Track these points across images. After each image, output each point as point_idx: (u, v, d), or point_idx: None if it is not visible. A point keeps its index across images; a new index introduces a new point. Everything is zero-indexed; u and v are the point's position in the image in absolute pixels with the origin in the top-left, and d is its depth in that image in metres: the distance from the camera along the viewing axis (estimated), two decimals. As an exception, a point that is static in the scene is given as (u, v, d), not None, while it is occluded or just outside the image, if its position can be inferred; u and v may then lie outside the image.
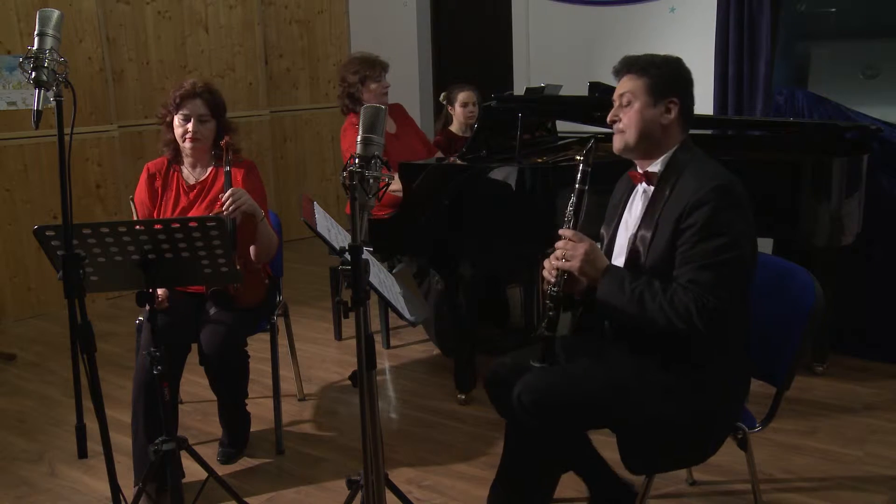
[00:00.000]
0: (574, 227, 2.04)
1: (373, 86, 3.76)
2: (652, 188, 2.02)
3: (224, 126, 2.85)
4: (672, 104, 1.98)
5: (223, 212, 2.57)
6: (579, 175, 2.05)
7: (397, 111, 4.03)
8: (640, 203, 2.05)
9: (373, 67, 3.77)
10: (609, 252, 2.12)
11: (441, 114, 4.32)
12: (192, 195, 2.83)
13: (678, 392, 1.91)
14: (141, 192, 2.87)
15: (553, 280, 2.03)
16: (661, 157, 2.01)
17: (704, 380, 1.93)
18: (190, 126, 2.75)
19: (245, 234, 2.71)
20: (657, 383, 1.92)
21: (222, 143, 2.78)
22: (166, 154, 2.88)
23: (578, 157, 2.06)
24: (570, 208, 2.07)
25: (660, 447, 1.94)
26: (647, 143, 2.00)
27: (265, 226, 2.73)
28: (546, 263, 2.05)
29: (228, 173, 2.72)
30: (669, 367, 1.93)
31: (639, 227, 2.01)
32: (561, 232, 2.02)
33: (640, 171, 2.05)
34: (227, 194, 2.59)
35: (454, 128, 4.17)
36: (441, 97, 4.24)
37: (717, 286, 1.82)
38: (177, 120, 2.77)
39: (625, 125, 2.01)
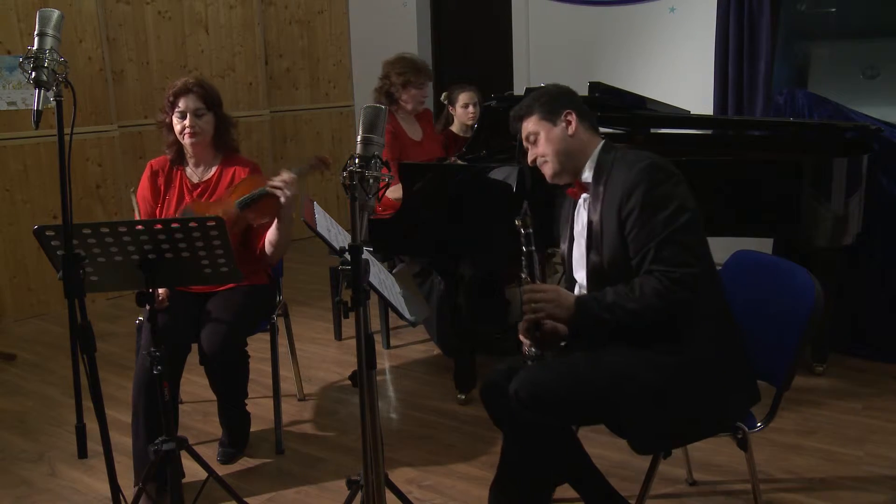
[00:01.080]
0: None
1: (413, 91, 3.78)
2: (587, 196, 2.10)
3: (222, 119, 2.86)
4: (568, 115, 2.10)
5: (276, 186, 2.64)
6: (523, 240, 2.09)
7: (425, 118, 4.04)
8: (584, 212, 2.12)
9: (419, 74, 3.77)
10: (570, 266, 2.20)
11: (442, 114, 4.32)
12: (195, 194, 2.83)
13: (670, 371, 1.93)
14: (143, 188, 2.88)
15: (528, 341, 2.08)
16: (587, 165, 2.10)
17: (693, 355, 1.95)
18: (187, 121, 2.76)
19: (262, 229, 2.78)
20: (650, 367, 1.93)
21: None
22: (169, 155, 2.89)
23: (518, 223, 2.09)
24: (523, 272, 2.10)
25: (661, 425, 1.94)
26: (569, 159, 2.11)
27: (290, 225, 2.76)
28: (522, 330, 2.10)
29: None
30: (659, 349, 1.95)
31: (587, 233, 2.08)
32: (524, 289, 2.07)
33: (574, 186, 2.14)
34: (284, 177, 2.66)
35: (455, 128, 4.17)
36: (442, 97, 4.24)
37: (679, 255, 1.88)
38: (175, 119, 2.78)
39: (542, 155, 2.12)
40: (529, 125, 2.14)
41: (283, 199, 2.65)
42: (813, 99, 3.69)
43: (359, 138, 1.71)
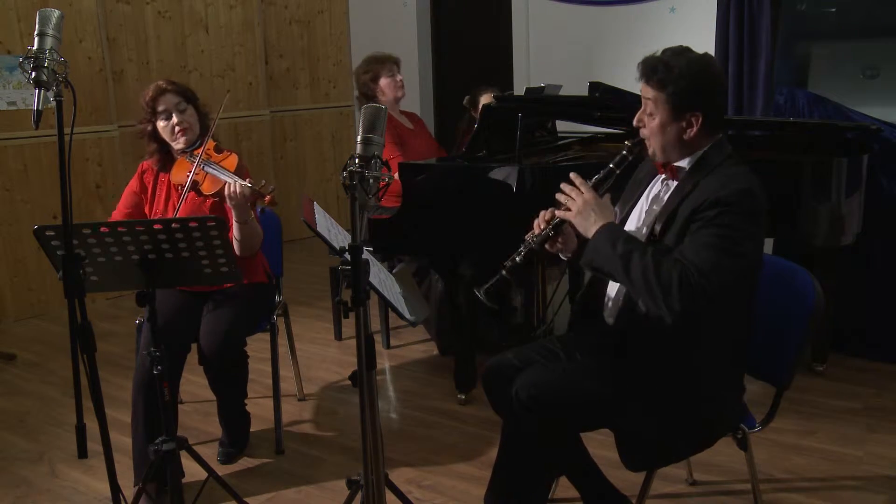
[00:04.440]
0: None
1: (385, 80, 3.79)
2: (675, 183, 1.97)
3: (202, 113, 2.87)
4: (694, 118, 1.90)
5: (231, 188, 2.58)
6: (618, 158, 2.01)
7: (415, 121, 4.07)
8: (660, 194, 2.02)
9: (382, 63, 3.80)
10: None
11: (464, 118, 4.30)
12: (181, 190, 2.82)
13: (674, 390, 1.91)
14: (133, 183, 2.89)
15: (539, 231, 2.02)
16: (690, 156, 1.96)
17: (700, 380, 1.92)
18: (174, 119, 2.76)
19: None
20: (653, 382, 1.91)
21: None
22: (152, 163, 2.87)
23: (628, 143, 2.01)
24: (596, 176, 2.02)
25: (656, 444, 1.93)
26: (672, 153, 1.96)
27: (253, 224, 2.72)
28: (541, 214, 2.03)
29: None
30: (666, 367, 1.92)
31: (655, 219, 1.97)
32: (571, 175, 1.97)
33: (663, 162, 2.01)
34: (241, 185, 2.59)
35: None
36: (465, 101, 4.23)
37: (709, 270, 1.75)
38: (160, 123, 2.78)
39: (648, 134, 1.97)
40: (651, 94, 1.91)
41: (226, 194, 2.61)
42: (813, 99, 3.69)
43: (359, 138, 1.71)
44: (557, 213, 1.99)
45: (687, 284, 1.74)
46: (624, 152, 2.02)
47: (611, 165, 2.02)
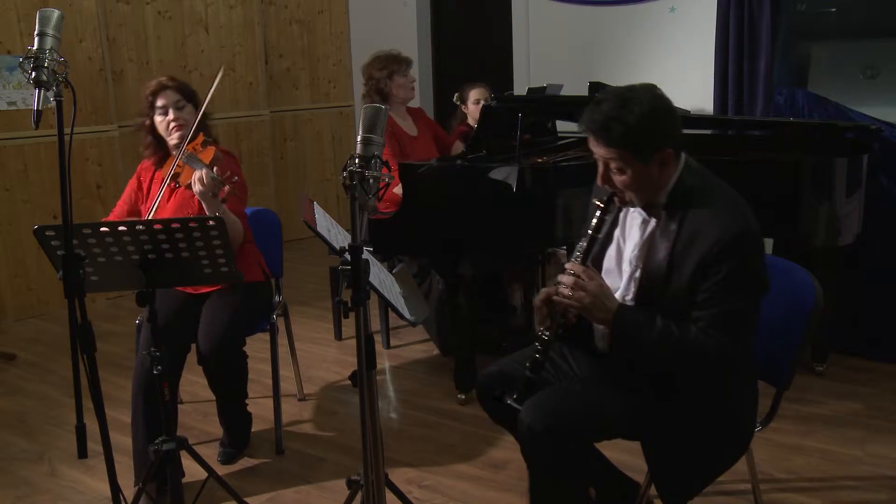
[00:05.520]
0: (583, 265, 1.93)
1: (400, 80, 3.84)
2: (653, 221, 1.91)
3: (199, 110, 2.86)
4: (664, 155, 1.83)
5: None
6: (595, 222, 1.94)
7: (419, 115, 4.10)
8: (638, 231, 1.95)
9: (398, 62, 3.85)
10: (596, 267, 2.02)
11: (455, 113, 4.42)
12: (179, 189, 2.83)
13: (690, 412, 1.89)
14: (132, 180, 2.93)
15: (548, 322, 1.97)
16: (664, 190, 1.89)
17: (715, 400, 1.92)
18: (171, 115, 2.78)
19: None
20: (666, 404, 1.90)
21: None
22: (150, 159, 2.89)
23: (598, 203, 1.93)
24: (578, 251, 1.96)
25: (689, 469, 1.91)
26: (653, 192, 1.89)
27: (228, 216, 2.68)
28: (540, 301, 1.97)
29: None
30: (679, 389, 1.90)
31: (645, 260, 1.91)
32: (569, 266, 1.92)
33: None
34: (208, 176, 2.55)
35: (471, 122, 4.26)
36: (454, 98, 4.34)
37: (738, 337, 1.82)
38: (157, 118, 2.81)
39: (623, 188, 1.88)
40: (612, 154, 1.83)
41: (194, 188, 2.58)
42: (813, 99, 3.69)
43: (359, 138, 1.71)
44: (569, 303, 1.90)
45: (722, 356, 1.81)
46: (598, 214, 1.94)
47: (590, 232, 1.96)
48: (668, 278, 1.86)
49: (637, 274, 1.94)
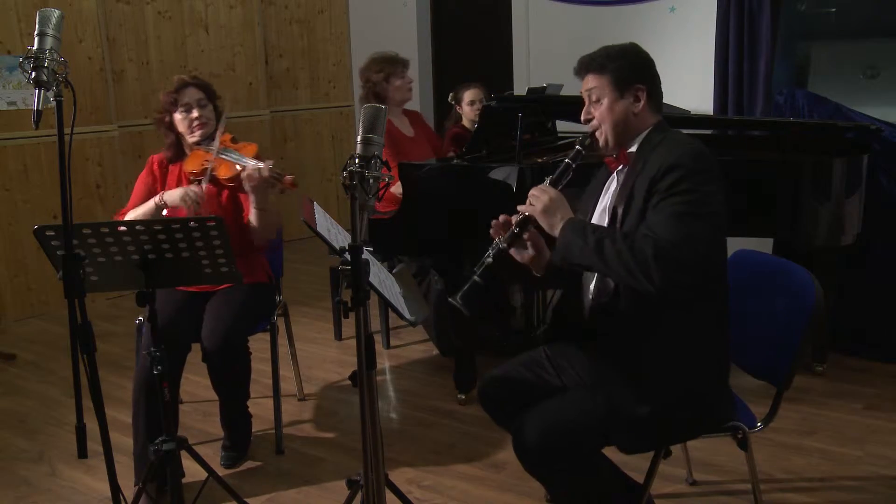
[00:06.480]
0: None
1: (397, 82, 3.83)
2: (626, 167, 2.03)
3: (217, 110, 2.92)
4: (640, 91, 2.01)
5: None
6: (573, 153, 2.07)
7: (415, 119, 4.09)
8: (616, 183, 2.07)
9: (395, 64, 3.85)
10: None
11: (451, 114, 4.40)
12: (194, 179, 2.84)
13: (660, 383, 1.90)
14: (145, 175, 2.93)
15: (504, 231, 2.05)
16: (637, 139, 2.03)
17: (684, 363, 1.91)
18: (194, 113, 2.81)
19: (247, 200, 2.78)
20: (635, 370, 1.91)
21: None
22: (163, 155, 2.93)
23: (578, 146, 2.09)
24: (551, 175, 2.08)
25: (652, 424, 1.92)
26: (624, 134, 2.03)
27: (272, 210, 2.80)
28: (501, 217, 2.08)
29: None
30: (648, 359, 1.91)
31: (613, 202, 2.02)
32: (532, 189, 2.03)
33: (616, 156, 2.06)
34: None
35: (466, 123, 4.25)
36: (449, 98, 4.33)
37: (681, 239, 1.76)
38: (178, 115, 2.83)
39: (598, 121, 2.04)
40: (594, 82, 2.05)
41: (245, 176, 2.68)
42: (813, 99, 3.69)
43: (359, 138, 1.71)
44: (521, 208, 2.02)
45: (662, 257, 1.75)
46: (577, 147, 2.08)
47: (566, 160, 2.07)
48: (629, 207, 1.94)
49: (606, 213, 2.04)
